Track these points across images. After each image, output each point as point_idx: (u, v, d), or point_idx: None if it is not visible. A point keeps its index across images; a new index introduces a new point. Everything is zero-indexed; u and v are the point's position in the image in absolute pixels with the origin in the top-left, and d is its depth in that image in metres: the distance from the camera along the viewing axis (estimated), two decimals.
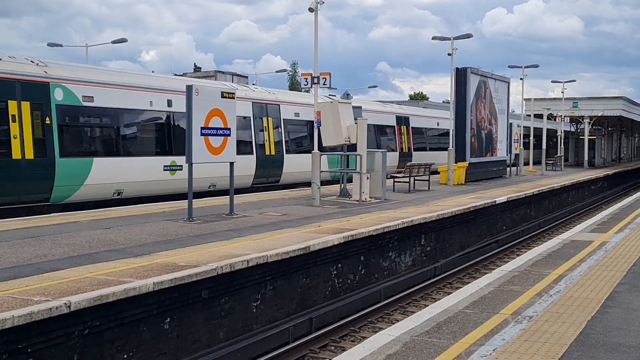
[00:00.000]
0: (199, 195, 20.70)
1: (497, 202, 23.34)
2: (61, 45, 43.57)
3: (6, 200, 16.71)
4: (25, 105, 17.15)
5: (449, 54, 30.42)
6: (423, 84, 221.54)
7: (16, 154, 16.76)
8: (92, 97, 19.10)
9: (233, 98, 16.51)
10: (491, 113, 34.65)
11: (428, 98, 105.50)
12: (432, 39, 32.60)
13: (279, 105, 26.99)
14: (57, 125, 17.91)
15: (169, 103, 21.51)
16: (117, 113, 19.94)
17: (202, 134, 15.47)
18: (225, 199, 18.21)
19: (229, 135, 16.31)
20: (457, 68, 30.98)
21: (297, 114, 27.88)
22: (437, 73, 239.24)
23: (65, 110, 18.34)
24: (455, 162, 30.13)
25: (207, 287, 10.52)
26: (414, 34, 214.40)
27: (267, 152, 25.84)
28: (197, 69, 58.18)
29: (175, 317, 10.06)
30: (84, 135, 19.54)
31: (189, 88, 15.21)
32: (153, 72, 29.57)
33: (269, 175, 25.99)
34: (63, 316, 8.05)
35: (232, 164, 16.90)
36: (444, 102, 73.73)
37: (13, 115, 16.84)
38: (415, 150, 38.51)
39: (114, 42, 41.23)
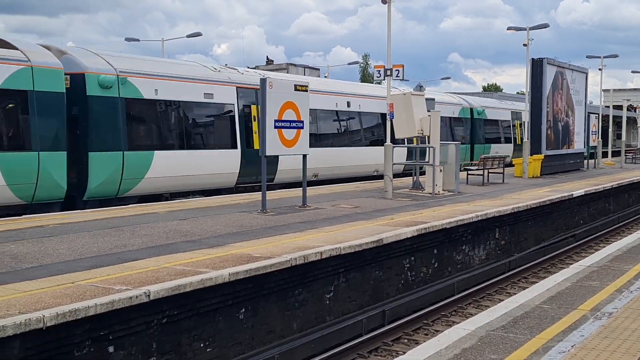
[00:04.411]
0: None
1: (574, 196, 22.82)
2: (138, 40, 44.37)
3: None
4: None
5: (524, 45, 29.84)
6: (496, 75, 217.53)
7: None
8: None
9: (306, 91, 16.60)
10: (568, 104, 33.86)
11: (502, 89, 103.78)
12: (507, 29, 32.07)
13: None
14: None
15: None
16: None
17: (275, 127, 15.62)
18: (298, 191, 18.34)
19: (302, 127, 16.42)
20: (533, 59, 30.36)
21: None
22: (511, 64, 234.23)
23: None
24: (531, 155, 29.59)
25: (282, 279, 10.62)
26: (486, 24, 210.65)
27: None
28: (269, 61, 58.63)
29: (250, 307, 10.20)
30: None
31: (263, 81, 15.38)
32: (226, 64, 29.82)
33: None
34: (143, 305, 8.25)
35: (304, 156, 17.02)
36: (518, 93, 72.41)
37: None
38: None
39: (188, 36, 41.86)
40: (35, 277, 8.86)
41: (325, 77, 41.93)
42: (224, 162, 20.82)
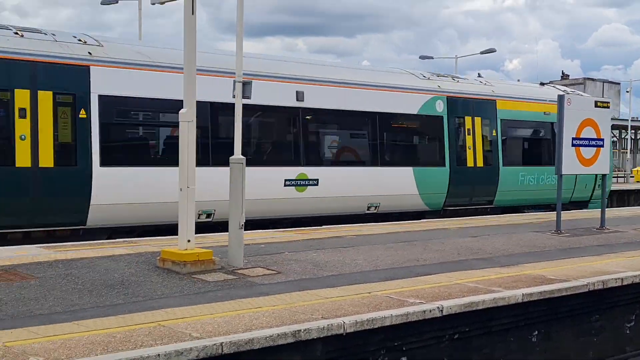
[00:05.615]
0: None
1: None
2: (432, 58, 45.21)
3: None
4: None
5: None
6: None
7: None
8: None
9: (608, 107, 15.87)
10: None
11: None
12: None
13: None
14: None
15: None
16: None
17: (572, 145, 15.12)
18: (596, 212, 17.48)
19: (602, 146, 15.71)
20: None
21: None
22: None
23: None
24: None
25: (576, 303, 10.19)
26: None
27: None
28: (564, 76, 56.60)
29: (543, 330, 9.91)
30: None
31: (561, 98, 15.00)
32: (519, 80, 29.37)
33: None
34: (435, 319, 8.38)
35: (604, 176, 16.25)
36: None
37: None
38: None
39: (482, 52, 41.85)
40: (335, 285, 9.40)
41: (627, 92, 39.39)
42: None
